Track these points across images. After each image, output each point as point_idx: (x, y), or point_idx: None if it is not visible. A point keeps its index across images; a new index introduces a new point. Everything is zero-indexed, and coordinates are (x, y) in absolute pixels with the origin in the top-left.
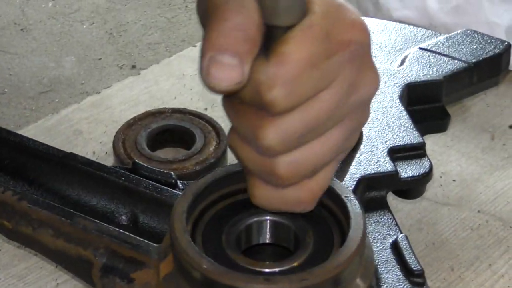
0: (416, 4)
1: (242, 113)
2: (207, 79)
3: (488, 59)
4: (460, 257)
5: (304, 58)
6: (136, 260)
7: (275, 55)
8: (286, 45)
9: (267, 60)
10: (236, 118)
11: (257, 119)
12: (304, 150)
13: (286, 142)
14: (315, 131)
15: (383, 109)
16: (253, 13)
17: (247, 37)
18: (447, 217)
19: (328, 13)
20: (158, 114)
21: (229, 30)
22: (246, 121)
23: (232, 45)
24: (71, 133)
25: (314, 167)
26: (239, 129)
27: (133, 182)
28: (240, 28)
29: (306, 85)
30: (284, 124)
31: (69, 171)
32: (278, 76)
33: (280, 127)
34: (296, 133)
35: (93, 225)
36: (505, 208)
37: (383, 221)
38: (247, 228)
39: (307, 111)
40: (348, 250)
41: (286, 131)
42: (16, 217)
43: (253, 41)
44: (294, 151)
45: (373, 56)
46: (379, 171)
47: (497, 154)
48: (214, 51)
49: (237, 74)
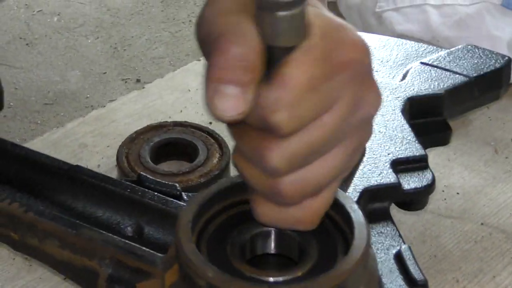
0: (419, 18)
1: (246, 135)
2: (213, 110)
3: (489, 73)
4: (463, 269)
5: (306, 80)
6: (142, 270)
7: (277, 78)
8: (287, 68)
9: (270, 84)
10: (241, 139)
11: (262, 141)
12: (308, 169)
13: (291, 163)
14: (319, 151)
15: (385, 122)
16: (253, 40)
17: (249, 67)
18: (450, 230)
19: (328, 34)
20: (160, 128)
21: (231, 61)
22: (251, 142)
23: (235, 76)
24: (76, 146)
25: (318, 186)
26: (243, 150)
27: (139, 193)
28: (242, 58)
29: (310, 107)
30: (289, 146)
31: (75, 184)
32: (281, 99)
33: (285, 149)
34: (301, 154)
35: (99, 236)
36: (508, 221)
37: (387, 232)
38: (251, 238)
39: (312, 132)
40: (352, 259)
41: (291, 152)
42: (22, 229)
43: (255, 69)
44: (299, 171)
45: (375, 70)
46: (382, 183)
47: (499, 167)
48: (218, 82)
49: (241, 104)
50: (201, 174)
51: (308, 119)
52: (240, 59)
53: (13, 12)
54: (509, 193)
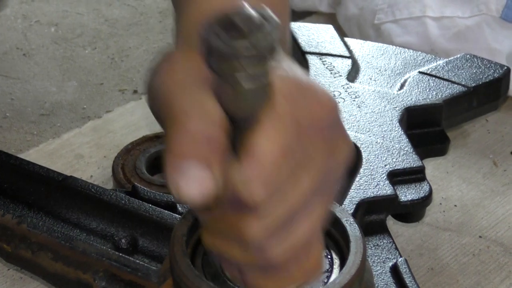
0: (418, 31)
1: (219, 214)
2: (178, 194)
3: (487, 83)
4: (460, 283)
5: (278, 151)
6: (136, 284)
7: (248, 153)
8: (257, 140)
9: (241, 159)
10: (213, 219)
11: (238, 218)
12: (293, 230)
13: (274, 232)
14: (300, 212)
15: (382, 132)
16: (215, 115)
17: (214, 144)
18: (448, 242)
19: (294, 98)
20: (156, 139)
21: (195, 139)
22: (226, 220)
23: (200, 155)
24: (72, 157)
25: (308, 241)
26: (217, 229)
27: (133, 205)
28: (206, 136)
29: (285, 175)
30: (268, 216)
31: (69, 194)
32: (255, 175)
33: (264, 220)
34: (281, 220)
35: (93, 248)
36: (506, 234)
37: (383, 245)
38: None
39: (291, 197)
40: (348, 273)
41: (271, 221)
42: (15, 241)
43: (220, 146)
44: (285, 236)
45: (373, 79)
46: (379, 195)
47: (498, 180)
48: (181, 161)
49: (209, 185)
50: None
51: (284, 186)
52: (204, 137)
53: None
54: (507, 206)
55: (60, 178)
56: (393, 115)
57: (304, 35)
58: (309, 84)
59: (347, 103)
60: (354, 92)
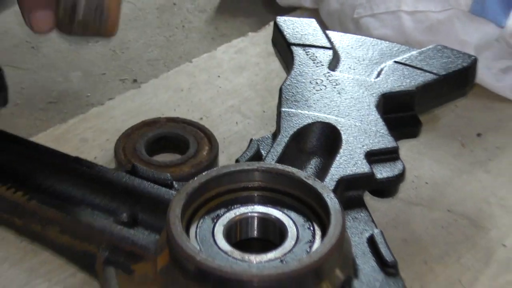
0: (393, 24)
1: None
2: (35, 30)
3: (456, 71)
4: (431, 252)
5: None
6: (136, 254)
7: None
8: None
9: None
10: None
11: None
12: None
13: None
14: None
15: (360, 116)
16: None
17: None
18: (419, 216)
19: None
20: (153, 124)
21: None
22: None
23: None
24: (78, 141)
25: None
26: None
27: (133, 183)
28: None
29: None
30: None
31: (75, 174)
32: None
33: None
34: None
35: (97, 222)
36: (472, 209)
37: (360, 218)
38: (237, 224)
39: None
40: (328, 243)
41: None
42: (26, 216)
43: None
44: None
45: (352, 68)
46: (357, 173)
47: (465, 160)
48: (34, 11)
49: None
50: (192, 165)
51: None
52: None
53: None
54: (473, 183)
55: (67, 159)
56: (370, 100)
57: (289, 28)
58: None
59: (329, 90)
60: (334, 80)
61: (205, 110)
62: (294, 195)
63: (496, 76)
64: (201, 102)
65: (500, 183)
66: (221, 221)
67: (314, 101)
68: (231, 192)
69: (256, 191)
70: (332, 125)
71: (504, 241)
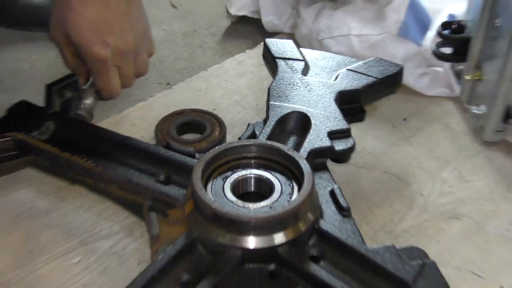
0: (345, 43)
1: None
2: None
3: (389, 76)
4: (372, 200)
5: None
6: (170, 203)
7: None
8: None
9: None
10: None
11: None
12: None
13: None
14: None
15: (324, 107)
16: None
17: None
18: (364, 176)
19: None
20: (181, 113)
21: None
22: None
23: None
24: (129, 125)
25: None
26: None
27: (168, 154)
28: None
29: None
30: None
31: (127, 148)
32: None
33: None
34: None
35: (143, 181)
36: (400, 170)
37: (324, 177)
38: (239, 182)
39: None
40: (303, 195)
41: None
42: (94, 177)
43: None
44: None
45: (318, 74)
46: (322, 146)
47: (396, 137)
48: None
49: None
50: (207, 141)
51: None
52: None
53: None
54: (401, 153)
55: (123, 137)
56: (331, 96)
57: (274, 47)
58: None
59: (302, 89)
60: (306, 82)
61: (216, 103)
62: (279, 162)
63: (416, 79)
64: (213, 98)
65: (419, 153)
66: (229, 180)
67: (292, 97)
68: (235, 160)
69: (253, 159)
70: (305, 113)
71: (422, 192)
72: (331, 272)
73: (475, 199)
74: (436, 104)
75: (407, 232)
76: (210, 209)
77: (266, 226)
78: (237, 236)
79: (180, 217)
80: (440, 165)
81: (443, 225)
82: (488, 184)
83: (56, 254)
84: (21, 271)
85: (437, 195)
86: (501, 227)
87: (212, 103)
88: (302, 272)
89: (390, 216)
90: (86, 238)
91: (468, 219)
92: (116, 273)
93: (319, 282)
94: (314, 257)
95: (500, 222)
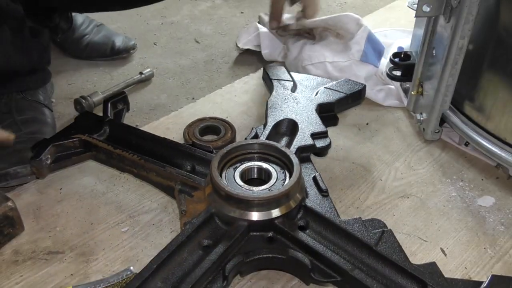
0: (322, 68)
1: None
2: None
3: (355, 92)
4: (344, 184)
5: None
6: (195, 187)
7: None
8: None
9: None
10: None
11: None
12: None
13: None
14: None
15: (308, 115)
16: None
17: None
18: (338, 166)
19: None
20: (203, 120)
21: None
22: None
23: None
24: (164, 129)
25: None
26: None
27: (193, 150)
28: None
29: None
30: None
31: (162, 145)
32: None
33: None
34: None
35: (174, 170)
36: (364, 161)
37: (309, 167)
38: (246, 171)
39: None
40: (293, 181)
41: None
42: (138, 167)
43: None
44: None
45: (303, 91)
46: (306, 144)
47: (361, 137)
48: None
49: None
50: (222, 141)
51: None
52: None
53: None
54: (365, 148)
55: (159, 138)
56: (313, 107)
57: (271, 71)
58: None
59: (291, 102)
60: (294, 97)
61: (228, 113)
62: (275, 156)
63: (375, 93)
64: (226, 109)
65: (378, 148)
66: (238, 169)
67: (284, 108)
68: (243, 155)
69: (256, 154)
70: (294, 120)
71: (381, 178)
72: (314, 238)
73: (420, 183)
74: (390, 112)
75: (370, 207)
76: (224, 191)
77: (265, 203)
78: (244, 211)
79: (202, 197)
80: (394, 158)
81: (397, 202)
82: (429, 171)
83: (110, 224)
84: (84, 237)
85: (392, 180)
86: (439, 203)
87: (226, 112)
88: (293, 238)
89: (357, 196)
90: (132, 213)
91: (415, 197)
92: (155, 238)
93: (305, 245)
94: (301, 226)
95: (439, 200)
